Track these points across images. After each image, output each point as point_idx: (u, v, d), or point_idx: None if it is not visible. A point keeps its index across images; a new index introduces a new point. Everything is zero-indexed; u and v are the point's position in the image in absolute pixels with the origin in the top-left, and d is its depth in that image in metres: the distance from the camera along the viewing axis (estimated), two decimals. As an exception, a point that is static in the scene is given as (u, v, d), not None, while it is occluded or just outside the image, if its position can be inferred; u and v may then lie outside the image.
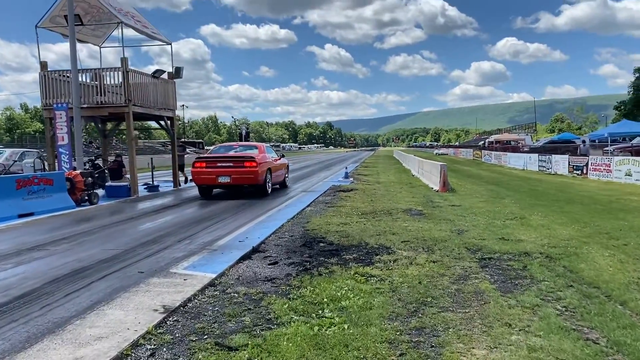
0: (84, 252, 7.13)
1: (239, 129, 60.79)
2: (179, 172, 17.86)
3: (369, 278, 5.55)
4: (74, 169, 13.66)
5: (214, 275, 5.66)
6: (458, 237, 7.80)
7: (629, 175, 19.03)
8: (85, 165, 14.70)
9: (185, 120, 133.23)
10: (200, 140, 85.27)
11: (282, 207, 11.91)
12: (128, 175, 15.10)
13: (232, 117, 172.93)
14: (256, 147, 15.66)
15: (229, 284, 5.43)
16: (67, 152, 13.72)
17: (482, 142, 62.55)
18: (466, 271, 5.77)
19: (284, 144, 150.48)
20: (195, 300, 4.87)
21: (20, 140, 61.21)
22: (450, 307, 4.53)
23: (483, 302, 4.63)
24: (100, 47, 17.62)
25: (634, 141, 31.40)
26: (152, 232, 8.69)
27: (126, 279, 5.62)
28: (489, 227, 8.72)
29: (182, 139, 18.71)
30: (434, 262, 6.20)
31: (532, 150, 39.00)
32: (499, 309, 4.44)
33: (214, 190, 14.78)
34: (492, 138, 60.89)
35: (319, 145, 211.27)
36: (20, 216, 10.52)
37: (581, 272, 5.67)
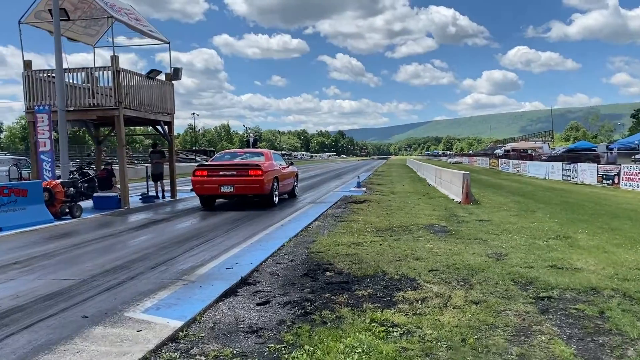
0: (29, 283, 5.66)
1: (247, 137, 59.70)
2: (156, 184, 16.00)
3: (391, 329, 4.01)
4: (58, 177, 12.31)
5: (179, 324, 4.14)
6: (498, 264, 6.22)
7: (669, 185, 17.26)
8: (73, 173, 13.34)
9: (198, 129, 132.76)
10: (212, 149, 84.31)
11: (285, 221, 10.39)
12: (119, 185, 13.69)
13: (244, 125, 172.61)
14: (262, 154, 14.29)
15: (197, 339, 3.91)
16: (50, 160, 12.35)
17: (499, 150, 60.57)
18: (523, 320, 4.19)
19: (295, 153, 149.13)
20: (143, 369, 3.36)
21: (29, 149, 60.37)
22: (519, 393, 2.96)
23: (568, 384, 3.06)
24: (94, 47, 16.33)
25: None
26: (125, 255, 7.22)
27: (60, 328, 4.12)
28: (531, 250, 7.12)
29: (159, 145, 17.10)
30: (475, 303, 4.63)
31: (552, 158, 37.09)
32: (596, 397, 2.86)
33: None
34: (509, 146, 58.98)
35: (331, 154, 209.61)
36: (-16, 232, 9.14)
37: (685, 322, 4.07)
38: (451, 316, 4.28)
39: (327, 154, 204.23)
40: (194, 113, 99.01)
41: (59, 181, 11.35)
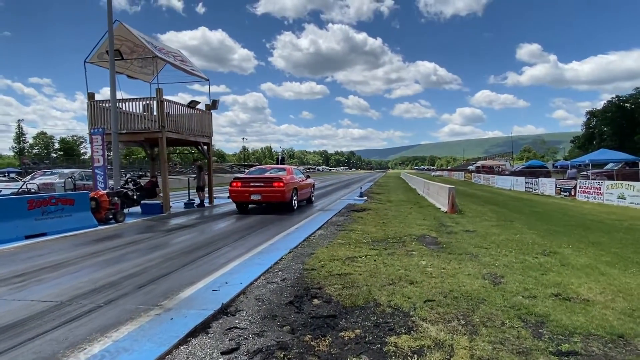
0: (3, 306, 3.93)
1: (277, 155, 59.55)
2: (199, 193, 14.04)
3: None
4: (111, 188, 10.73)
5: (105, 394, 2.33)
6: (497, 291, 4.24)
7: (622, 198, 14.83)
8: (128, 183, 11.74)
9: (249, 150, 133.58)
10: (257, 164, 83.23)
11: (292, 229, 8.52)
12: (162, 194, 12.05)
13: (280, 147, 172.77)
14: (285, 170, 12.77)
15: None
16: (102, 173, 10.80)
17: (472, 166, 57.69)
18: (559, 406, 2.24)
19: (318, 167, 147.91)
20: None
21: (132, 164, 59.64)
22: None
23: None
24: (150, 84, 14.85)
25: (607, 167, 26.82)
26: (127, 267, 5.44)
27: (-45, 397, 2.35)
28: (526, 270, 5.11)
29: (199, 162, 15.14)
30: (486, 363, 2.69)
31: (514, 173, 34.41)
32: None
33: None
34: (479, 163, 56.07)
35: (344, 167, 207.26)
36: (28, 237, 7.54)
37: None
38: (458, 392, 2.35)
39: (342, 167, 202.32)
40: (244, 138, 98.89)
41: (104, 191, 9.74)
